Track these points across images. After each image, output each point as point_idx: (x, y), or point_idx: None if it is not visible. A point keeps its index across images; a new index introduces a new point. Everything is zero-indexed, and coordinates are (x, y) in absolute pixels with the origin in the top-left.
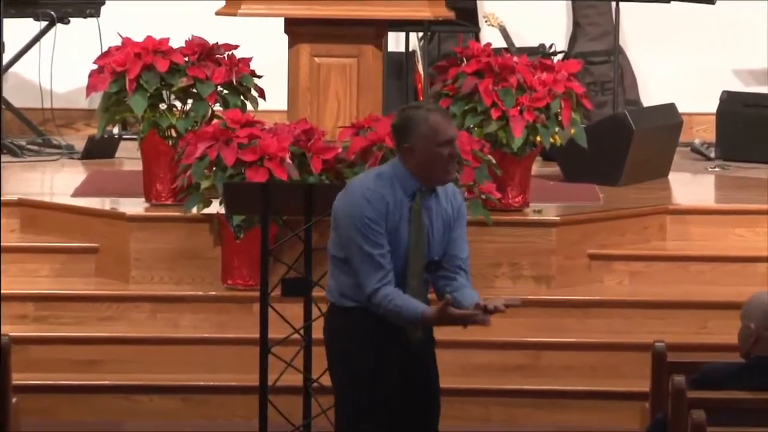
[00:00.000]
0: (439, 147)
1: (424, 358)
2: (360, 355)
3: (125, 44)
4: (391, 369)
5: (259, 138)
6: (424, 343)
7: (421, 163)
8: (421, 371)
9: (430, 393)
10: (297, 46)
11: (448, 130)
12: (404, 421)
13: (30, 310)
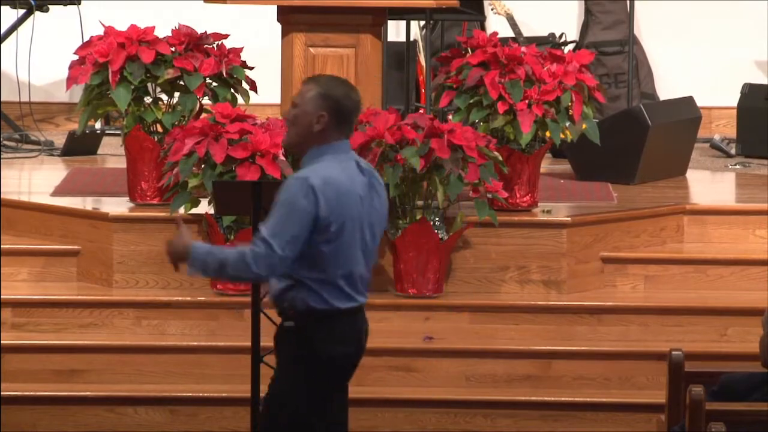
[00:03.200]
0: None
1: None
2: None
3: (108, 33)
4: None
5: (250, 133)
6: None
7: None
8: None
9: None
10: (291, 36)
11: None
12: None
13: (7, 317)
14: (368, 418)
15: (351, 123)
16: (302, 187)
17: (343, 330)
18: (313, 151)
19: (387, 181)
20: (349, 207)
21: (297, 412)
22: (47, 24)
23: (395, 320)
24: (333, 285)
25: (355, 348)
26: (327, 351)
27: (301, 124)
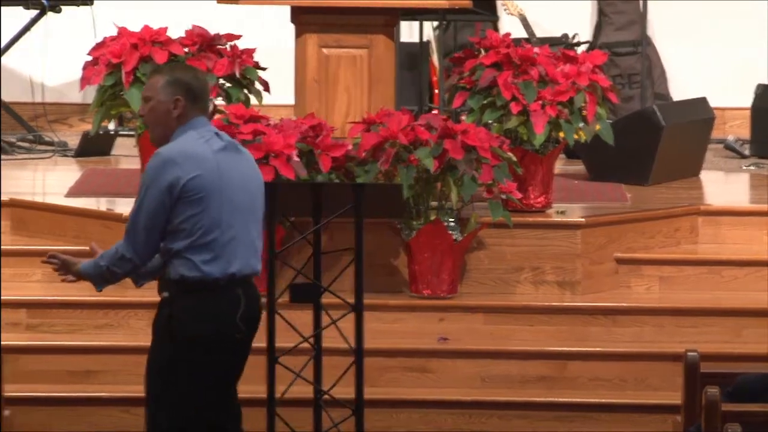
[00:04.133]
0: None
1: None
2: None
3: (121, 34)
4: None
5: (264, 134)
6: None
7: None
8: None
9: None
10: (304, 36)
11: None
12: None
13: (22, 318)
14: (383, 419)
15: (205, 100)
16: (158, 161)
17: (212, 304)
18: (175, 134)
19: (401, 181)
20: (210, 172)
21: (159, 392)
22: (60, 25)
23: (410, 321)
24: (205, 251)
25: (222, 326)
26: (189, 328)
27: (159, 113)
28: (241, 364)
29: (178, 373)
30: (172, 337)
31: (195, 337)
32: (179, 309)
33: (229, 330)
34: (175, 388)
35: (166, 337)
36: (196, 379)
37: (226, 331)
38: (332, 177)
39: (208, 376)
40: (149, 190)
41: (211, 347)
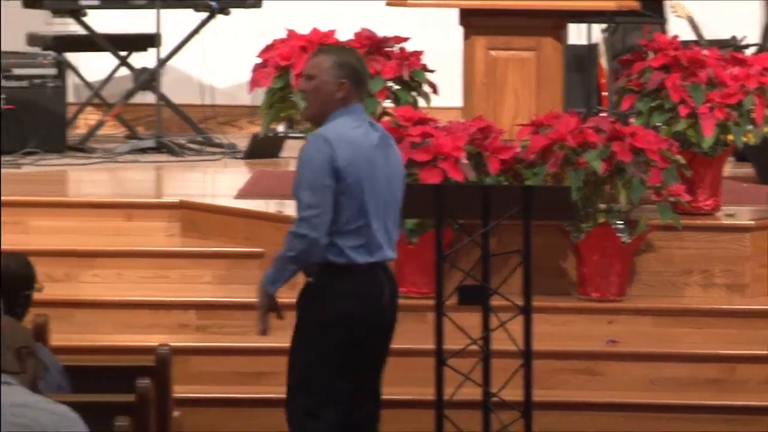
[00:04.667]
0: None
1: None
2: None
3: (290, 37)
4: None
5: (432, 136)
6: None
7: None
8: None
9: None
10: (472, 39)
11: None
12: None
13: (192, 319)
14: (551, 422)
15: (365, 87)
16: (317, 141)
17: (358, 287)
18: (332, 116)
19: (569, 183)
20: (365, 159)
21: (303, 372)
22: (229, 27)
23: (578, 323)
24: (351, 238)
25: (368, 308)
26: (336, 307)
27: (323, 93)
28: (381, 351)
29: (321, 356)
30: (318, 319)
31: (342, 318)
32: (326, 291)
33: (375, 312)
34: (316, 370)
35: (312, 321)
36: (336, 362)
37: (372, 313)
38: (501, 179)
39: (348, 357)
40: (308, 167)
41: (357, 329)
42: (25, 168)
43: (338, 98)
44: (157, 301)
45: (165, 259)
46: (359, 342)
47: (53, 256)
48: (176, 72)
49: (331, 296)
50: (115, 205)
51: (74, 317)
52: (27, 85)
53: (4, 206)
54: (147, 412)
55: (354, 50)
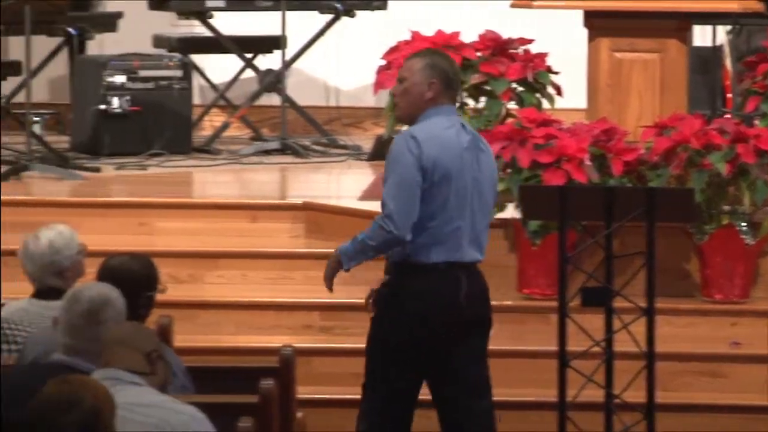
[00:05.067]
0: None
1: None
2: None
3: (414, 39)
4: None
5: (556, 138)
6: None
7: None
8: None
9: None
10: (597, 41)
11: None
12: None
13: (315, 320)
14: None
15: (456, 89)
16: (406, 140)
17: (432, 286)
18: (423, 116)
19: (693, 185)
20: (452, 160)
21: (374, 369)
22: (354, 29)
23: (702, 325)
24: (430, 236)
25: (441, 308)
26: (409, 306)
27: (413, 94)
28: (464, 351)
29: (391, 354)
30: (391, 317)
31: (414, 317)
32: (401, 290)
33: (449, 312)
34: (386, 367)
35: (385, 319)
36: (404, 360)
37: (445, 313)
38: (624, 181)
39: (418, 356)
40: (396, 164)
41: (428, 328)
42: (151, 169)
43: (428, 98)
44: (280, 302)
45: (289, 261)
46: (431, 341)
47: (178, 258)
48: (301, 74)
49: (405, 295)
50: (240, 206)
51: (198, 318)
52: (153, 87)
53: (128, 207)
54: (270, 412)
55: (446, 54)
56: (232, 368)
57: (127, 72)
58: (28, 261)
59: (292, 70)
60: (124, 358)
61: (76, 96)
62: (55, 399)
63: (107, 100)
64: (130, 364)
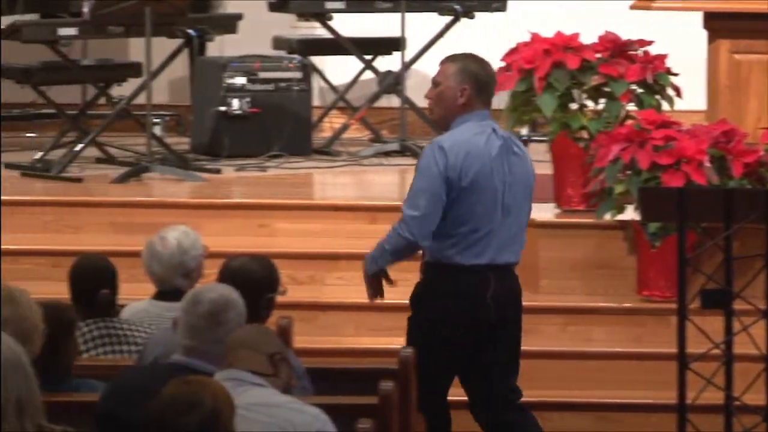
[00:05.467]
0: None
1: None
2: None
3: (533, 40)
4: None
5: (675, 140)
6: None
7: None
8: None
9: None
10: (716, 42)
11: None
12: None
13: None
14: None
15: (490, 93)
16: (433, 150)
17: (462, 288)
18: (456, 121)
19: None
20: (480, 166)
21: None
22: (473, 31)
23: None
24: (461, 240)
25: (470, 309)
26: (439, 307)
27: (445, 99)
28: (494, 352)
29: (424, 354)
30: (423, 318)
31: (444, 317)
32: (432, 291)
33: (478, 313)
34: (420, 367)
35: (418, 319)
36: (436, 360)
37: (475, 314)
38: (744, 183)
39: (449, 357)
40: (422, 174)
41: (458, 329)
42: (271, 171)
43: (460, 104)
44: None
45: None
46: (461, 342)
47: (297, 259)
48: (420, 75)
49: (436, 296)
50: (360, 207)
51: (318, 320)
52: (273, 89)
53: (248, 209)
54: (389, 414)
55: (480, 58)
56: (351, 370)
57: (247, 74)
58: (155, 262)
59: (411, 72)
60: (247, 360)
61: (196, 97)
62: (175, 400)
63: (227, 102)
64: (253, 365)
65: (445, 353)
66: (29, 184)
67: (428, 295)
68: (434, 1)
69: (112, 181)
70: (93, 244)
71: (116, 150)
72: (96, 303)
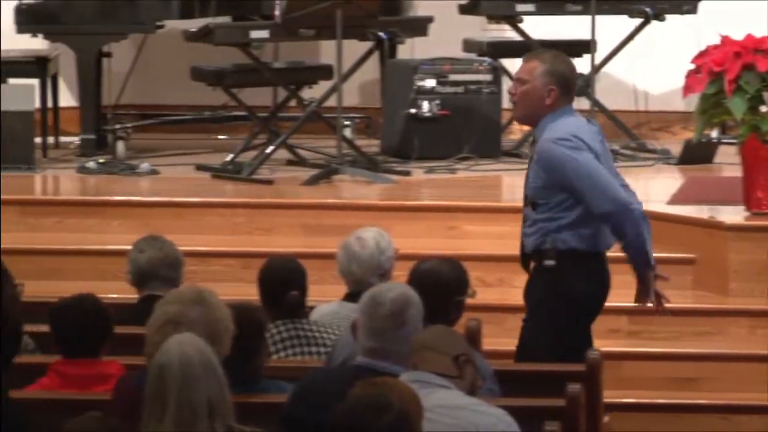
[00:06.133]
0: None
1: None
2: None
3: (724, 43)
4: None
5: None
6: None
7: None
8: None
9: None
10: None
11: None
12: None
13: (623, 325)
14: None
15: (574, 91)
16: (569, 140)
17: (598, 270)
18: (546, 120)
19: None
20: (594, 152)
21: (550, 353)
22: (664, 33)
23: None
24: (590, 226)
25: (604, 288)
26: (582, 290)
27: (532, 98)
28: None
29: (562, 336)
30: (562, 301)
31: (586, 299)
32: (570, 275)
33: (605, 296)
34: (558, 350)
35: (553, 302)
36: (574, 341)
37: (603, 297)
38: None
39: (583, 336)
40: (580, 164)
41: (596, 308)
42: (460, 173)
43: (546, 104)
44: None
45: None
46: (590, 322)
47: (486, 261)
48: (609, 78)
49: (578, 280)
50: None
51: (506, 322)
52: (462, 91)
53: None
54: (577, 416)
55: (565, 56)
56: (539, 372)
57: (438, 76)
58: (354, 263)
59: (601, 74)
60: (432, 362)
61: (387, 100)
62: (364, 403)
63: (417, 104)
64: (438, 367)
65: (580, 333)
66: (220, 186)
67: (572, 280)
68: (624, 4)
69: (302, 183)
70: (283, 245)
71: (307, 152)
72: (285, 305)
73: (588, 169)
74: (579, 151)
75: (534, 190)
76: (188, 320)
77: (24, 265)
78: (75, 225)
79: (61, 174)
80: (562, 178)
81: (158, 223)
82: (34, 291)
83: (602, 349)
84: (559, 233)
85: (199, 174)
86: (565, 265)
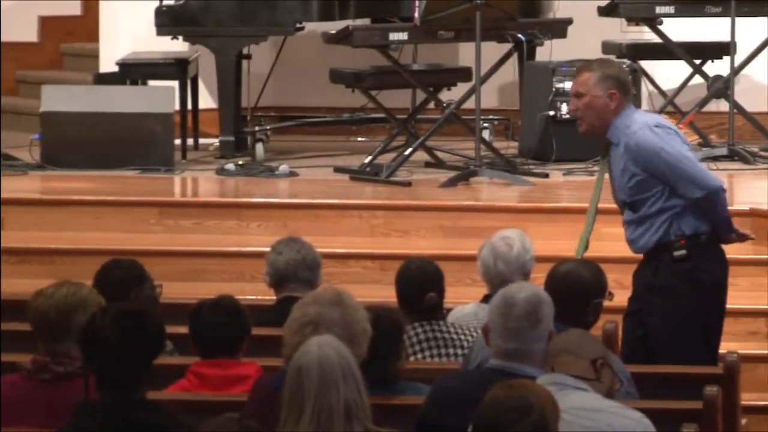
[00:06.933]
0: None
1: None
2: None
3: None
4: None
5: None
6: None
7: None
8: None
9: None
10: None
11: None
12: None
13: (761, 327)
14: None
15: (631, 88)
16: (659, 130)
17: (723, 256)
18: (617, 122)
19: None
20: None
21: (694, 343)
22: None
23: None
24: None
25: (727, 265)
26: (713, 274)
27: (597, 107)
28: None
29: (706, 319)
30: (697, 287)
31: (719, 280)
32: (702, 260)
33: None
34: (702, 338)
35: (689, 290)
36: (710, 328)
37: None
38: None
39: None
40: (670, 152)
41: (725, 288)
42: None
43: (612, 108)
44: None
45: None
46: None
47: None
48: (749, 80)
49: (708, 264)
50: None
51: None
52: None
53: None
54: (714, 419)
55: (611, 60)
56: (675, 374)
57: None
58: (501, 261)
59: (740, 77)
60: (569, 365)
61: (525, 102)
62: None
63: (556, 106)
64: (576, 370)
65: (717, 319)
66: (358, 188)
67: (710, 263)
68: (764, 5)
69: (440, 185)
70: (420, 247)
71: (445, 154)
72: (423, 306)
73: (678, 156)
74: (672, 138)
75: (629, 190)
76: (327, 322)
77: (163, 267)
78: (214, 227)
79: (200, 176)
80: (656, 165)
81: (296, 225)
82: (173, 292)
83: (740, 352)
84: (680, 219)
85: (338, 176)
86: (694, 251)
